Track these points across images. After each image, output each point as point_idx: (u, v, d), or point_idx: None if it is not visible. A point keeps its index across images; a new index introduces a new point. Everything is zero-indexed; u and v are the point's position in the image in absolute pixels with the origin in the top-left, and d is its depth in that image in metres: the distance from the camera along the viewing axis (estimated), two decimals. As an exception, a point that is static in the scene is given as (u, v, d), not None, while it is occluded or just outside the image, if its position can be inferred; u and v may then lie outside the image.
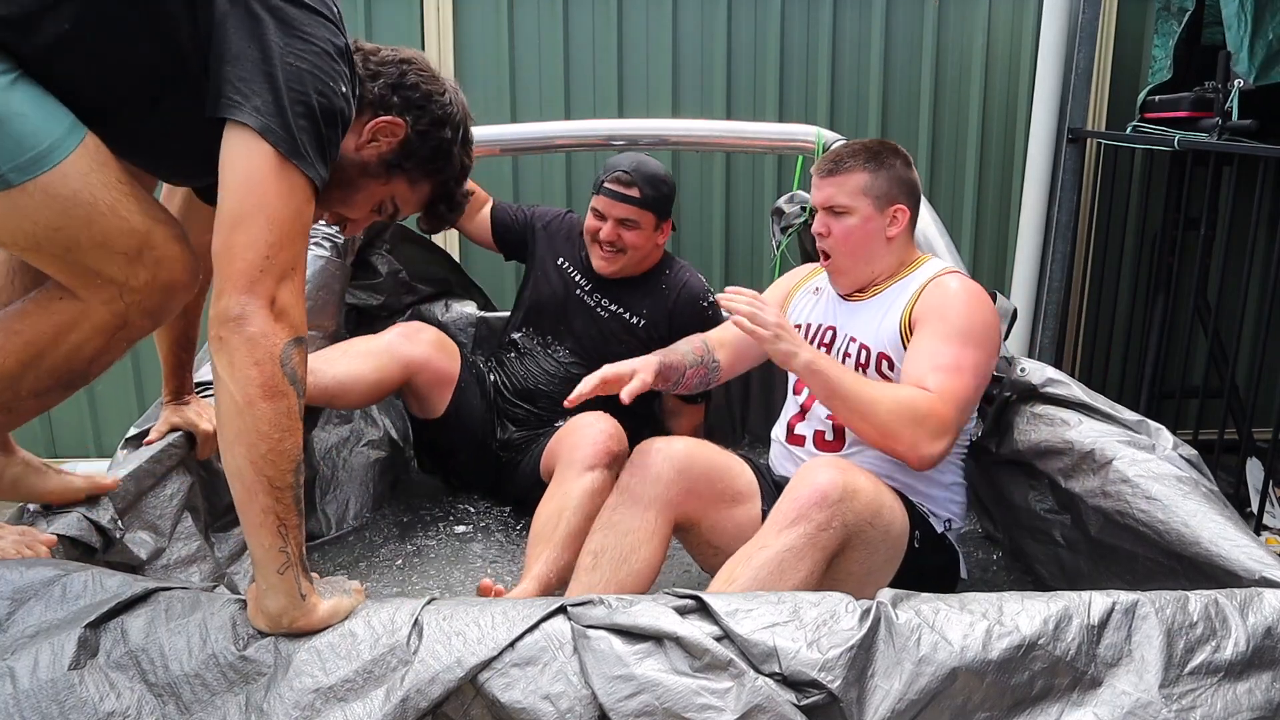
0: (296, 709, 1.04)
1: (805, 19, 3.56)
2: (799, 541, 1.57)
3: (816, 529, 1.58)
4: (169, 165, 1.36)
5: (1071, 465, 1.72)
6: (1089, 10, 3.37)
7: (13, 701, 1.05)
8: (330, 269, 2.27)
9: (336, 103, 1.18)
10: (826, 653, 1.07)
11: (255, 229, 1.09)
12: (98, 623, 1.10)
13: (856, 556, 1.65)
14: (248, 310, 1.08)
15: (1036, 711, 1.10)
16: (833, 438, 1.94)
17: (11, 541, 1.26)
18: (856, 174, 1.88)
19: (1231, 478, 3.06)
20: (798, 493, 1.61)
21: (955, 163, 3.71)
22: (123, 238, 1.15)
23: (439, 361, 2.33)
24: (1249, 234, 2.79)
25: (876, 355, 1.89)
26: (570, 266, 2.51)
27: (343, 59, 1.21)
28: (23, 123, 1.09)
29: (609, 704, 1.04)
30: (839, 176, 1.88)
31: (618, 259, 2.39)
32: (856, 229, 1.89)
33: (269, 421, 1.08)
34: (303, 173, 1.13)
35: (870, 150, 1.90)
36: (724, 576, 1.61)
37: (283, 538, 1.10)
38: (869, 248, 1.91)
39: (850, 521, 1.60)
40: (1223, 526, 1.40)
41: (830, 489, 1.59)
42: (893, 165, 1.90)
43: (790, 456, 2.01)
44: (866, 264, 1.93)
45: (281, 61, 1.13)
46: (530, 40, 3.48)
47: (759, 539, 1.62)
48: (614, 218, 2.35)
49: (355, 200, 1.41)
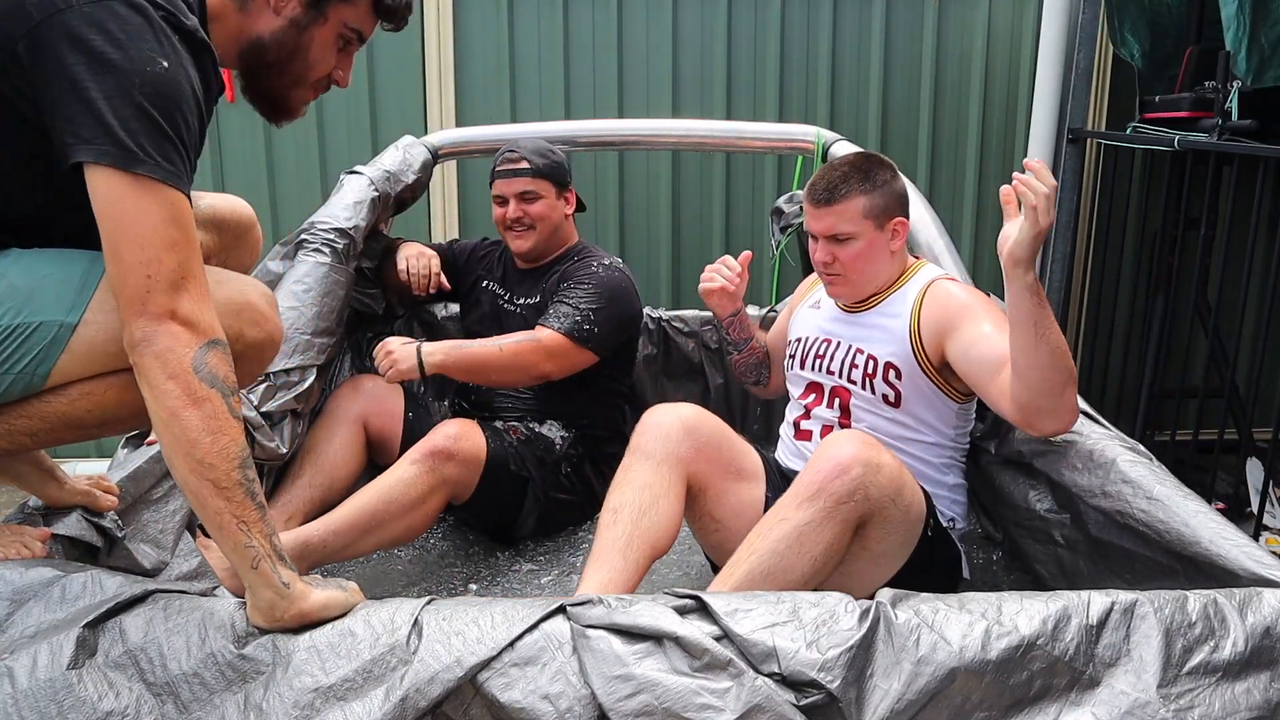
0: (296, 708, 1.05)
1: (805, 19, 3.56)
2: (818, 515, 1.56)
3: (836, 501, 1.56)
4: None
5: (1070, 465, 1.73)
6: (1089, 10, 3.37)
7: (11, 701, 1.05)
8: (334, 275, 2.26)
9: (165, 75, 1.12)
10: (826, 653, 1.07)
11: (126, 254, 1.09)
12: (96, 622, 1.10)
13: (875, 534, 1.64)
14: (148, 332, 1.09)
15: (1035, 711, 1.10)
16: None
17: (6, 541, 1.26)
18: (854, 199, 1.88)
19: (1231, 478, 3.06)
20: (819, 465, 1.59)
21: (955, 163, 3.71)
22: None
23: (374, 414, 2.36)
24: (1249, 234, 2.79)
25: (884, 365, 1.91)
26: (490, 283, 2.57)
27: (151, 27, 1.13)
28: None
29: (608, 704, 1.04)
30: (837, 205, 1.88)
31: (529, 235, 2.42)
32: (864, 252, 1.90)
33: (197, 428, 1.09)
34: (152, 177, 1.10)
35: (861, 170, 1.90)
36: (744, 549, 1.60)
37: (245, 534, 1.11)
38: (875, 266, 1.94)
39: (873, 495, 1.59)
40: (1222, 527, 1.40)
41: (852, 462, 1.58)
42: (885, 181, 1.91)
43: (798, 452, 2.02)
44: (873, 280, 1.96)
45: (90, 80, 1.08)
46: (530, 40, 3.49)
47: (778, 510, 1.60)
48: (513, 195, 2.40)
49: (315, 56, 1.39)
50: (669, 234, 3.65)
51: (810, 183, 1.93)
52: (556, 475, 2.32)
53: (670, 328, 2.88)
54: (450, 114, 3.49)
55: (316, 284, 2.21)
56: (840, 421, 1.97)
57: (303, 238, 2.31)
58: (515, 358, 2.23)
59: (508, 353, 2.23)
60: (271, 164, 3.49)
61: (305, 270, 2.23)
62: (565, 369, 2.29)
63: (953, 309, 1.85)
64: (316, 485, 2.16)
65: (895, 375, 1.90)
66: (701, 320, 2.88)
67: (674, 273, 3.69)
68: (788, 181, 3.49)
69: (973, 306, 1.84)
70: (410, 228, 3.37)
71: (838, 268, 1.92)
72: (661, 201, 3.64)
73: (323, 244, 2.31)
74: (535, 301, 2.45)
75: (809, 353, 2.04)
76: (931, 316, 1.87)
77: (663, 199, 3.63)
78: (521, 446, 2.27)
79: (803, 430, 2.03)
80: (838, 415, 1.98)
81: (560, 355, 2.26)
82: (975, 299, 1.87)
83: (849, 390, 1.96)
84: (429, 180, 2.74)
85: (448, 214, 3.59)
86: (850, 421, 1.96)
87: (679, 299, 3.66)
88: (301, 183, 3.51)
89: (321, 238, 2.31)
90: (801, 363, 2.06)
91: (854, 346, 1.96)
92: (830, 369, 1.99)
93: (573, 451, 2.37)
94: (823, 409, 2.00)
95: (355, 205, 2.42)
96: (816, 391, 2.02)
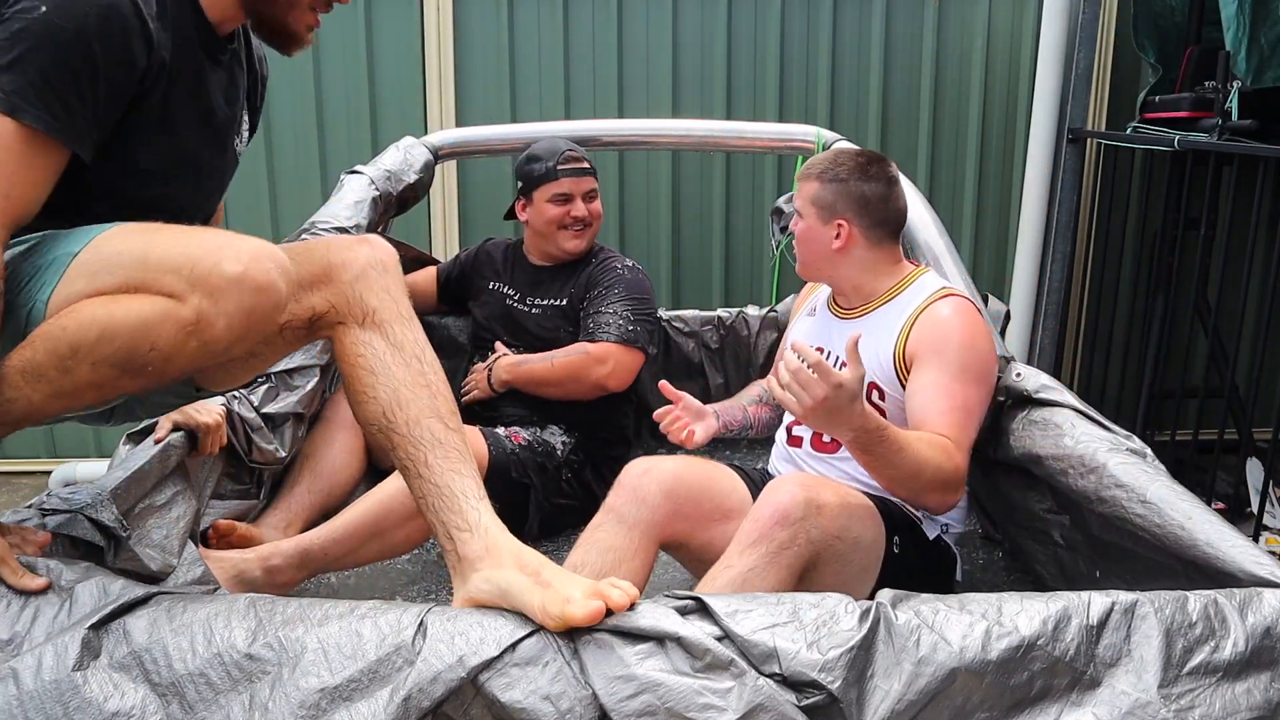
0: (302, 708, 1.04)
1: (805, 19, 3.56)
2: (760, 561, 1.56)
3: (779, 548, 1.57)
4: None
5: (1066, 470, 1.72)
6: (1089, 10, 3.38)
7: (16, 703, 1.05)
8: None
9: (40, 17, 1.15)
10: (826, 653, 1.07)
11: None
12: (101, 624, 1.10)
13: (828, 570, 1.64)
14: None
15: (1036, 712, 1.10)
16: (829, 440, 1.94)
17: (4, 543, 1.25)
18: (811, 182, 1.93)
19: (1231, 478, 3.06)
20: (760, 513, 1.60)
21: (955, 163, 3.71)
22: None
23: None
24: (1249, 234, 2.79)
25: (867, 384, 1.86)
26: (498, 285, 2.57)
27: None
28: None
29: (610, 704, 1.05)
30: (801, 183, 1.96)
31: (586, 234, 2.47)
32: (803, 234, 1.96)
33: None
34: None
35: (846, 158, 1.94)
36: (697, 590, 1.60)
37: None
38: (818, 256, 1.95)
39: (816, 538, 1.59)
40: (1220, 527, 1.40)
41: (792, 507, 1.58)
42: (845, 179, 1.90)
43: (788, 458, 2.02)
44: (826, 272, 1.98)
45: None
46: (530, 40, 3.49)
47: (725, 559, 1.62)
48: (581, 194, 2.43)
49: None
50: (669, 234, 3.65)
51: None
52: (558, 481, 2.33)
53: (670, 328, 2.88)
54: (450, 114, 3.49)
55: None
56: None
57: (303, 238, 2.31)
58: (566, 369, 2.31)
59: (559, 366, 2.32)
60: (271, 164, 3.49)
61: (306, 270, 2.23)
62: (621, 374, 2.35)
63: (929, 338, 1.82)
64: (316, 491, 2.16)
65: (879, 396, 1.88)
66: (701, 320, 2.88)
67: (674, 273, 3.69)
68: (788, 181, 3.49)
69: (944, 347, 1.80)
70: (410, 228, 3.38)
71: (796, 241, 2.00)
72: (661, 201, 3.64)
73: (327, 243, 2.31)
74: (561, 304, 2.46)
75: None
76: (916, 339, 1.84)
77: (663, 199, 3.63)
78: (523, 452, 2.27)
79: (794, 436, 2.02)
80: None
81: (611, 360, 2.31)
82: (957, 338, 1.81)
83: None
84: (431, 180, 2.74)
85: (448, 214, 3.59)
86: None
87: (679, 299, 3.66)
88: (301, 183, 3.51)
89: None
90: None
91: (841, 358, 1.91)
92: None
93: (574, 457, 2.37)
94: None
95: (356, 205, 2.41)
96: None
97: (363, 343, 1.32)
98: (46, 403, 1.19)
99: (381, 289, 1.35)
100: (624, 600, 1.11)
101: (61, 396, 1.18)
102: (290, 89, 3.44)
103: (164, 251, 1.16)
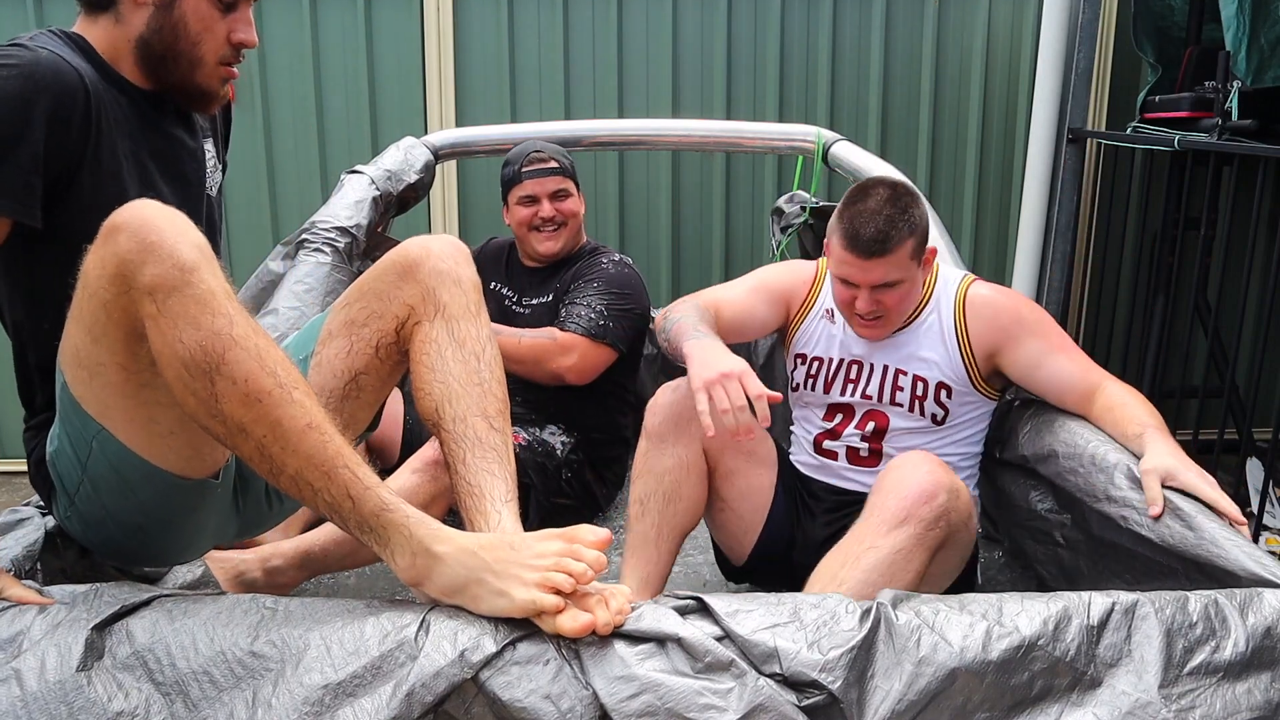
0: (306, 704, 1.05)
1: (805, 19, 3.56)
2: (908, 543, 1.54)
3: (925, 529, 1.54)
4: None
5: (1075, 469, 1.72)
6: (1089, 10, 3.37)
7: (20, 703, 1.05)
8: (336, 275, 2.26)
9: None
10: (827, 653, 1.08)
11: None
12: (103, 625, 1.10)
13: (943, 556, 1.63)
14: None
15: (1036, 712, 1.10)
16: (868, 455, 1.94)
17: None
18: (905, 244, 1.74)
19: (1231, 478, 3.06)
20: (904, 490, 1.57)
21: (955, 163, 3.71)
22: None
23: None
24: (1249, 234, 2.79)
25: (935, 386, 1.88)
26: (498, 285, 2.56)
27: None
28: None
29: (611, 704, 1.05)
30: (892, 254, 1.73)
31: (560, 234, 2.43)
32: (908, 293, 1.82)
33: None
34: None
35: (900, 209, 1.74)
36: (827, 579, 1.56)
37: None
38: (914, 299, 1.88)
39: (954, 521, 1.58)
40: (1222, 527, 1.40)
41: (937, 488, 1.56)
42: (921, 214, 1.79)
43: (824, 468, 1.98)
44: (910, 309, 1.90)
45: None
46: (530, 40, 3.49)
47: (862, 538, 1.57)
48: (546, 194, 2.40)
49: (196, 29, 1.35)
50: (669, 234, 3.65)
51: (850, 231, 1.74)
52: (557, 481, 2.32)
53: (671, 328, 2.88)
54: (450, 114, 3.49)
55: (318, 284, 2.22)
56: (871, 445, 1.93)
57: (304, 237, 2.31)
58: (530, 350, 2.28)
59: (524, 346, 2.28)
60: (271, 164, 3.49)
61: (307, 270, 2.23)
62: (583, 368, 2.30)
63: (1003, 324, 1.84)
64: None
65: (946, 395, 1.87)
66: (702, 320, 2.87)
67: (674, 273, 3.69)
68: (788, 181, 3.49)
69: (1026, 323, 1.84)
70: (410, 228, 3.38)
71: (880, 311, 1.80)
72: (661, 201, 3.64)
73: (324, 243, 2.31)
74: (548, 300, 2.45)
75: (835, 376, 1.94)
76: (979, 330, 1.85)
77: (663, 199, 3.63)
78: (522, 453, 2.27)
79: (826, 449, 1.97)
80: (868, 437, 1.93)
81: (576, 352, 2.28)
82: (1024, 310, 1.87)
83: (888, 413, 1.91)
84: (431, 180, 2.74)
85: (448, 214, 3.59)
86: (882, 444, 1.92)
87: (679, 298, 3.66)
88: (301, 183, 3.51)
89: (323, 237, 2.31)
90: (827, 386, 1.95)
91: (894, 369, 1.89)
92: (867, 393, 1.91)
93: (573, 457, 2.37)
94: (852, 430, 1.94)
95: (356, 204, 2.42)
96: (844, 412, 1.95)
97: (430, 340, 1.34)
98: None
99: (453, 282, 1.36)
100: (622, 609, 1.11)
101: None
102: (290, 89, 3.44)
103: None
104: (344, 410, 1.41)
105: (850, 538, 1.60)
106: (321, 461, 1.12)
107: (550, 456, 2.32)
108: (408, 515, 1.14)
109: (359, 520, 1.14)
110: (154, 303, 1.08)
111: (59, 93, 1.22)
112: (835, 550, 1.60)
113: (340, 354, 1.41)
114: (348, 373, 1.40)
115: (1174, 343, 3.37)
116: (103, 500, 1.28)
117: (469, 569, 1.11)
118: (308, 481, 1.12)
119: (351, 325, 1.40)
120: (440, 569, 1.12)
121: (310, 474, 1.12)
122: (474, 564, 1.11)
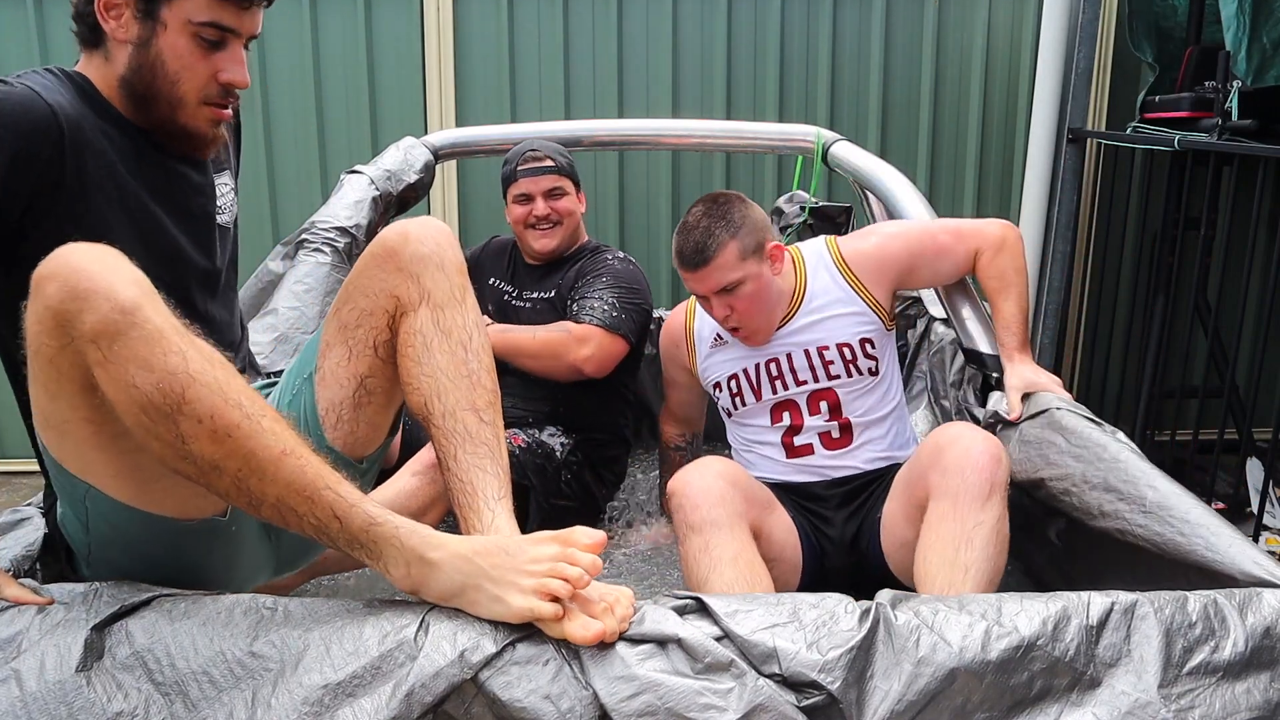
0: (305, 704, 1.05)
1: (805, 19, 3.56)
2: (1000, 508, 1.60)
3: (1005, 491, 1.62)
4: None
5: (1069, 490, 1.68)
6: (1089, 10, 3.37)
7: (20, 704, 1.05)
8: (335, 275, 2.26)
9: None
10: (826, 654, 1.08)
11: None
12: (103, 625, 1.11)
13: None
14: None
15: (1035, 712, 1.10)
16: (839, 434, 1.96)
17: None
18: (727, 246, 1.86)
19: (1231, 478, 3.06)
20: (977, 461, 1.61)
21: (955, 163, 3.71)
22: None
23: None
24: (1249, 234, 2.79)
25: (859, 342, 1.96)
26: (498, 281, 2.57)
27: None
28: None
29: (611, 704, 1.05)
30: (715, 259, 1.86)
31: (556, 232, 2.44)
32: (757, 292, 1.90)
33: None
34: None
35: (717, 216, 1.88)
36: (942, 563, 1.55)
37: None
38: (771, 298, 1.94)
39: (1009, 479, 1.66)
40: (1220, 528, 1.40)
41: (997, 449, 1.64)
42: (743, 215, 1.89)
43: (804, 468, 1.98)
44: (775, 310, 1.96)
45: None
46: (530, 40, 3.49)
47: (963, 517, 1.57)
48: (540, 192, 2.41)
49: (174, 67, 1.31)
50: (669, 234, 3.65)
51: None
52: (557, 483, 2.32)
53: (671, 328, 2.87)
54: (450, 114, 3.49)
55: (318, 284, 2.22)
56: (837, 422, 1.95)
57: (303, 237, 2.31)
58: (546, 345, 2.28)
59: (540, 340, 2.29)
60: (271, 164, 3.49)
61: (306, 270, 2.23)
62: (601, 359, 2.30)
63: (873, 256, 1.99)
64: None
65: (871, 346, 1.96)
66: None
67: (674, 273, 3.68)
68: (788, 181, 3.49)
69: (885, 239, 2.03)
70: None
71: (736, 319, 1.91)
72: (661, 201, 3.64)
73: (324, 243, 2.31)
74: (550, 296, 2.46)
75: (759, 380, 1.99)
76: (869, 272, 1.97)
77: (663, 199, 3.64)
78: (522, 454, 2.27)
79: (798, 447, 1.98)
80: (828, 416, 1.96)
81: (593, 343, 2.28)
82: (886, 243, 2.02)
83: (833, 387, 1.96)
84: (431, 180, 2.74)
85: (447, 214, 3.59)
86: (844, 415, 1.96)
87: (679, 299, 3.65)
88: (301, 183, 3.51)
89: (322, 237, 2.31)
90: (757, 393, 2.00)
91: (813, 347, 1.96)
92: (800, 379, 1.96)
93: (573, 458, 2.37)
94: (810, 418, 1.97)
95: (356, 204, 2.42)
96: (790, 408, 1.98)
97: (415, 332, 1.30)
98: None
99: (436, 266, 1.31)
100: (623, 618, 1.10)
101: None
102: (290, 89, 3.44)
103: None
104: (359, 419, 1.37)
105: (945, 522, 1.58)
106: (302, 486, 1.09)
107: (549, 458, 2.32)
108: (397, 526, 1.13)
109: (349, 538, 1.12)
110: (99, 350, 1.02)
111: (27, 130, 1.19)
112: (933, 540, 1.59)
113: (341, 362, 1.37)
114: (353, 380, 1.37)
115: (1174, 343, 3.37)
116: (115, 558, 1.25)
117: (465, 574, 1.10)
118: (291, 508, 1.10)
119: (345, 330, 1.36)
120: (436, 575, 1.11)
121: (292, 500, 1.09)
122: (469, 569, 1.10)
